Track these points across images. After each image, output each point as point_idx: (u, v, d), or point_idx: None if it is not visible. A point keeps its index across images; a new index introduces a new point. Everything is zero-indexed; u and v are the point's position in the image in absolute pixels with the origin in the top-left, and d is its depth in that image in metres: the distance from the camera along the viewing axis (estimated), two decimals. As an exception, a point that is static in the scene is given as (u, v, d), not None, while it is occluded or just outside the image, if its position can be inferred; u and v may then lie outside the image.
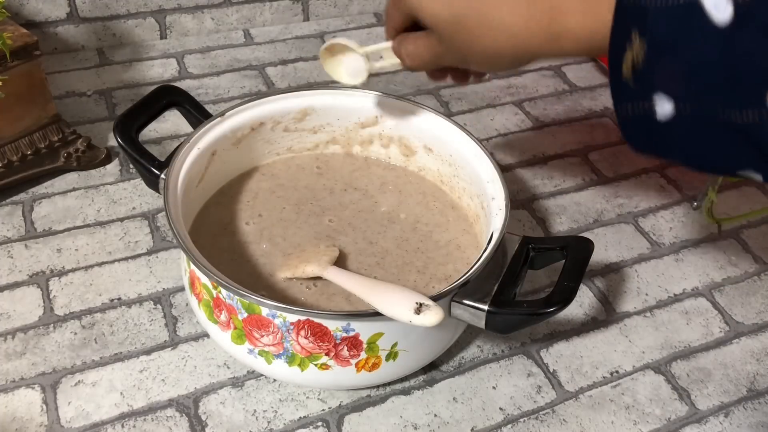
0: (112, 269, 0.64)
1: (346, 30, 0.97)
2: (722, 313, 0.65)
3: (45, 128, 0.69)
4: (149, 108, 0.61)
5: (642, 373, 0.60)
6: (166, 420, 0.53)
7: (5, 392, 0.54)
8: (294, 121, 0.65)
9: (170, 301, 0.61)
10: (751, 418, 0.57)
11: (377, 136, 0.67)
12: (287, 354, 0.50)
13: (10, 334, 0.58)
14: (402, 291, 0.48)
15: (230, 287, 0.48)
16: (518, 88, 0.90)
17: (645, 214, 0.74)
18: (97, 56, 0.88)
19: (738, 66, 0.31)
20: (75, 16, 0.86)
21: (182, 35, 0.92)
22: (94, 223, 0.68)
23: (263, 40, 0.94)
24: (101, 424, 0.53)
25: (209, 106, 0.72)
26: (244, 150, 0.64)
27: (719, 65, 0.32)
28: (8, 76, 0.63)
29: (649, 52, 0.33)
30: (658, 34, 0.33)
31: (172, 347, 0.58)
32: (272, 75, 0.88)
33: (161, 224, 0.68)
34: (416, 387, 0.57)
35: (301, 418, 0.54)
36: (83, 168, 0.72)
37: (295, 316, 0.48)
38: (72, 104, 0.80)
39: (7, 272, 0.62)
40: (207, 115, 0.62)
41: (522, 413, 0.56)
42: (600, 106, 0.88)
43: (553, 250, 0.54)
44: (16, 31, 0.65)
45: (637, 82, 0.34)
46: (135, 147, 0.58)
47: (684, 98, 0.34)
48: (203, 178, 0.60)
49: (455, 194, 0.64)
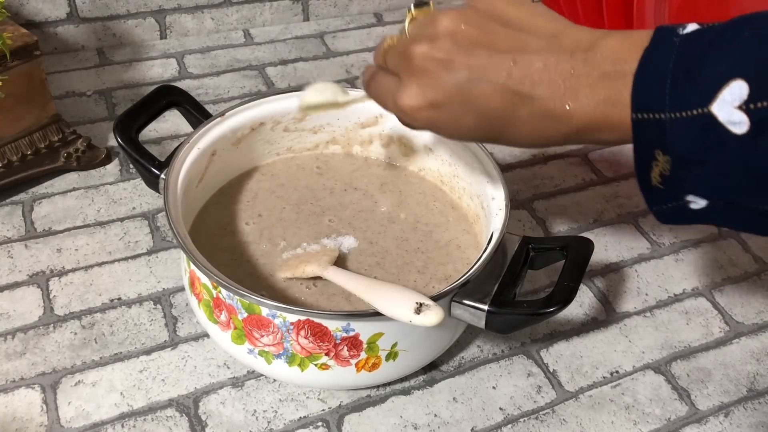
0: (112, 269, 0.64)
1: (346, 30, 0.97)
2: (722, 313, 0.65)
3: (45, 128, 0.69)
4: (149, 108, 0.61)
5: (642, 373, 0.60)
6: (166, 420, 0.53)
7: (5, 392, 0.54)
8: (294, 121, 0.65)
9: (170, 301, 0.61)
10: (751, 418, 0.57)
11: (377, 136, 0.67)
12: (287, 354, 0.50)
13: (10, 334, 0.58)
14: (402, 291, 0.48)
15: (230, 287, 0.48)
16: (518, 88, 0.90)
17: (645, 214, 0.74)
18: (97, 56, 0.88)
19: (761, 168, 0.32)
20: (75, 16, 0.86)
21: (182, 35, 0.92)
22: (94, 223, 0.68)
23: (263, 40, 0.94)
24: (101, 424, 0.53)
25: (209, 106, 0.72)
26: (244, 150, 0.64)
27: (743, 169, 0.32)
28: (8, 76, 0.63)
29: (674, 164, 0.34)
30: (681, 151, 0.33)
31: (172, 347, 0.58)
32: (272, 75, 0.88)
33: (161, 224, 0.68)
34: (416, 387, 0.57)
35: (301, 418, 0.54)
36: (83, 168, 0.72)
37: (295, 316, 0.48)
38: (72, 104, 0.80)
39: (7, 272, 0.62)
40: (207, 115, 0.62)
41: (522, 413, 0.56)
42: (600, 106, 0.88)
43: (553, 250, 0.54)
44: (16, 31, 0.65)
45: (667, 187, 0.35)
46: (135, 147, 0.58)
47: (714, 197, 0.34)
48: (203, 178, 0.60)
49: (455, 194, 0.64)
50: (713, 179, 0.33)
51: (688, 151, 0.33)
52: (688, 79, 0.32)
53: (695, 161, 0.33)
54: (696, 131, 0.32)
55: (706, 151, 0.32)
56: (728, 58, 0.31)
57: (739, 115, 0.31)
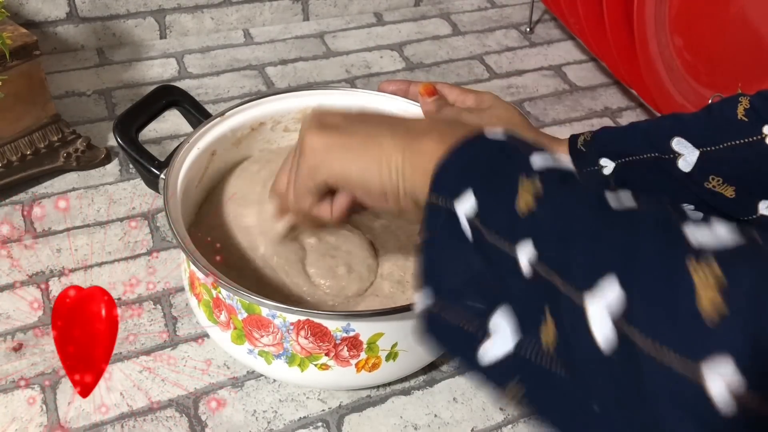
0: (112, 269, 0.64)
1: (346, 30, 0.97)
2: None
3: (44, 128, 0.69)
4: (149, 108, 0.61)
5: (642, 373, 0.59)
6: (166, 420, 0.53)
7: (5, 392, 0.54)
8: (294, 121, 0.65)
9: (170, 301, 0.61)
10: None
11: (377, 136, 0.66)
12: (287, 354, 0.50)
13: (10, 334, 0.58)
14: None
15: (230, 287, 0.48)
16: (518, 88, 0.90)
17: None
18: (97, 56, 0.88)
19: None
20: (75, 16, 0.86)
21: (182, 35, 0.92)
22: (94, 223, 0.68)
23: (263, 40, 0.94)
24: (101, 424, 0.53)
25: (209, 106, 0.72)
26: (244, 150, 0.64)
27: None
28: (8, 76, 0.63)
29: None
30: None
31: (172, 347, 0.58)
32: (272, 75, 0.88)
33: (161, 224, 0.68)
34: (416, 387, 0.57)
35: (301, 418, 0.54)
36: (83, 168, 0.72)
37: (295, 317, 0.48)
38: (72, 104, 0.80)
39: (7, 272, 0.62)
40: (207, 115, 0.62)
41: (522, 413, 0.56)
42: (600, 106, 0.88)
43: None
44: (15, 30, 0.65)
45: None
46: (135, 147, 0.58)
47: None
48: (203, 178, 0.60)
49: (455, 194, 0.64)
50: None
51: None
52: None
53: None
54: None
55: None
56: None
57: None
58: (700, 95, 0.77)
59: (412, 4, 1.03)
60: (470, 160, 0.35)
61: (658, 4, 0.76)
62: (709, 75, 0.77)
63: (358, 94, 0.65)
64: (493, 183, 0.33)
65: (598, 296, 0.28)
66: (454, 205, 0.34)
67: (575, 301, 0.28)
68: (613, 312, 0.27)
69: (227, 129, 0.61)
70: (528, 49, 0.97)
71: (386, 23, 1.00)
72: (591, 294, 0.28)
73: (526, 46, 0.98)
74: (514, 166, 0.34)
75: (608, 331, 0.27)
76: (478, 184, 0.33)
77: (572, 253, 0.29)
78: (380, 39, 0.97)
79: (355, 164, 0.40)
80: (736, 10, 0.74)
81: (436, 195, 0.35)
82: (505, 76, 0.92)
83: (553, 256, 0.30)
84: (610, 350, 0.27)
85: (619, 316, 0.27)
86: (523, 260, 0.31)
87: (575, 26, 0.90)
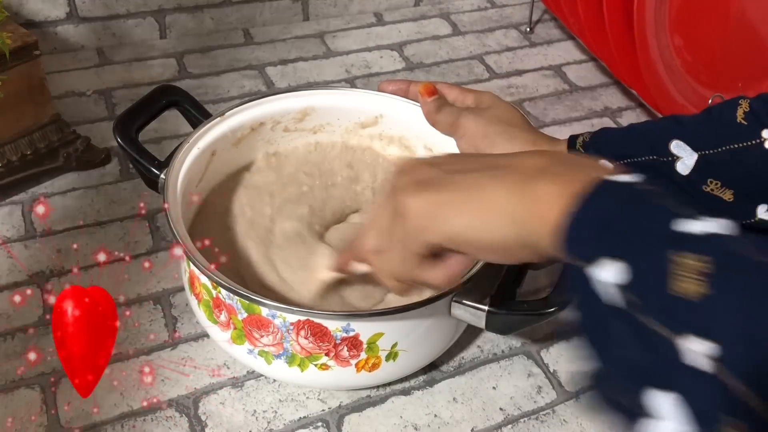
0: (112, 269, 0.63)
1: (346, 30, 0.97)
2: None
3: (44, 128, 0.69)
4: (149, 108, 0.61)
5: (642, 373, 0.59)
6: (166, 420, 0.53)
7: (5, 392, 0.54)
8: (294, 121, 0.65)
9: (170, 301, 0.61)
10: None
11: (377, 136, 0.66)
12: (287, 354, 0.50)
13: (10, 334, 0.58)
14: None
15: (230, 287, 0.48)
16: (518, 88, 0.90)
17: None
18: (97, 56, 0.88)
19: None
20: (75, 16, 0.86)
21: (182, 35, 0.92)
22: (94, 223, 0.67)
23: (263, 40, 0.94)
24: (101, 424, 0.53)
25: (209, 106, 0.72)
26: (244, 150, 0.64)
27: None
28: (8, 76, 0.63)
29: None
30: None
31: (172, 347, 0.58)
32: (272, 75, 0.88)
33: (161, 224, 0.68)
34: (416, 387, 0.57)
35: (301, 418, 0.54)
36: (83, 168, 0.72)
37: (295, 317, 0.48)
38: (72, 104, 0.80)
39: (7, 272, 0.62)
40: (207, 114, 0.62)
41: (522, 413, 0.56)
42: (600, 106, 0.88)
43: (553, 250, 0.54)
44: (15, 30, 0.65)
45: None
46: (135, 147, 0.58)
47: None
48: (203, 178, 0.60)
49: (455, 194, 0.64)
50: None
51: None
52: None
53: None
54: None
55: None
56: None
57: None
58: (700, 95, 0.77)
59: (412, 4, 1.03)
60: (604, 217, 0.31)
61: (658, 4, 0.76)
62: (709, 75, 0.77)
63: (358, 94, 0.65)
64: (637, 248, 0.29)
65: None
66: (594, 273, 0.30)
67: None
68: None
69: (227, 129, 0.61)
70: (528, 49, 0.97)
71: (386, 23, 1.00)
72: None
73: (526, 46, 0.98)
74: (657, 222, 0.30)
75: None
76: (619, 252, 0.29)
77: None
78: (380, 39, 0.97)
79: (467, 221, 0.37)
80: (736, 10, 0.74)
81: (572, 257, 0.32)
82: (505, 76, 0.92)
83: (742, 366, 0.25)
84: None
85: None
86: (695, 354, 0.26)
87: (575, 26, 0.90)
